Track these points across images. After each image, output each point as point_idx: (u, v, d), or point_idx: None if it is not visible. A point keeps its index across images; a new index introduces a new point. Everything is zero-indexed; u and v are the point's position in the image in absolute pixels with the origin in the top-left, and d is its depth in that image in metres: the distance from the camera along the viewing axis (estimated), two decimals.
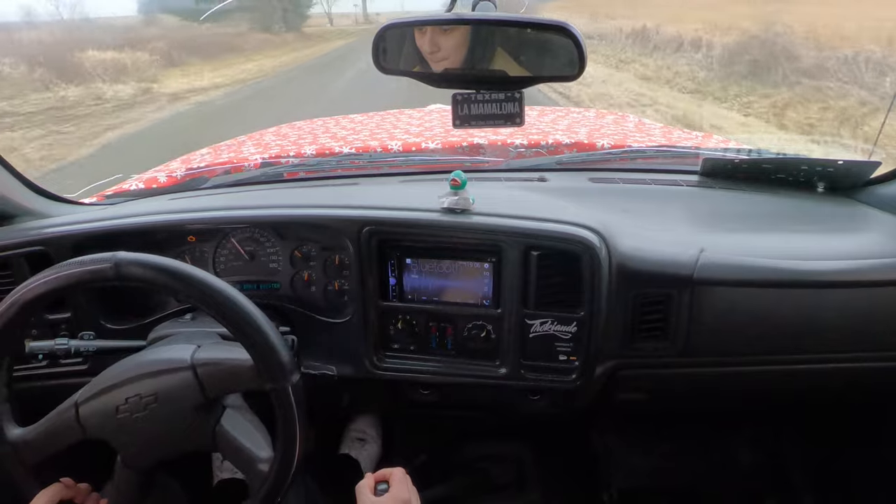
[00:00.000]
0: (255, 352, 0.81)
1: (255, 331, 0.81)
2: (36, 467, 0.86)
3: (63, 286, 0.81)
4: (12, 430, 0.85)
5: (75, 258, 0.82)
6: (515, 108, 0.94)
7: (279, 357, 0.81)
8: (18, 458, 0.85)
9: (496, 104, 0.94)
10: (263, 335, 0.81)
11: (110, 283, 0.81)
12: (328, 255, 1.15)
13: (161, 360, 0.86)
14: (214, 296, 0.81)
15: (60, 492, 0.85)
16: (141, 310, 1.15)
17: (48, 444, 0.85)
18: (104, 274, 0.80)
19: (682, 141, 1.78)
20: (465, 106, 0.94)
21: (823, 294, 1.09)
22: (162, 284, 0.81)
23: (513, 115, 0.94)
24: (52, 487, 0.85)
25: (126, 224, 1.13)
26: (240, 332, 0.81)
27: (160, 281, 0.81)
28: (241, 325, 0.81)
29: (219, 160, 1.62)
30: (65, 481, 0.87)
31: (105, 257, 0.80)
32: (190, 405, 0.84)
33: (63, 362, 1.09)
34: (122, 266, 0.80)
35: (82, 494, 0.88)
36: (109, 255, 0.80)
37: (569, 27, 0.88)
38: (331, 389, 1.18)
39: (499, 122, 0.95)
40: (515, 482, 1.60)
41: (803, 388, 1.22)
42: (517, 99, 0.93)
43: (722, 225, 1.20)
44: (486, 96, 0.94)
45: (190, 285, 0.81)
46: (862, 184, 1.29)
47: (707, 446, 1.60)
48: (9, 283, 1.09)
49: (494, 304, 1.08)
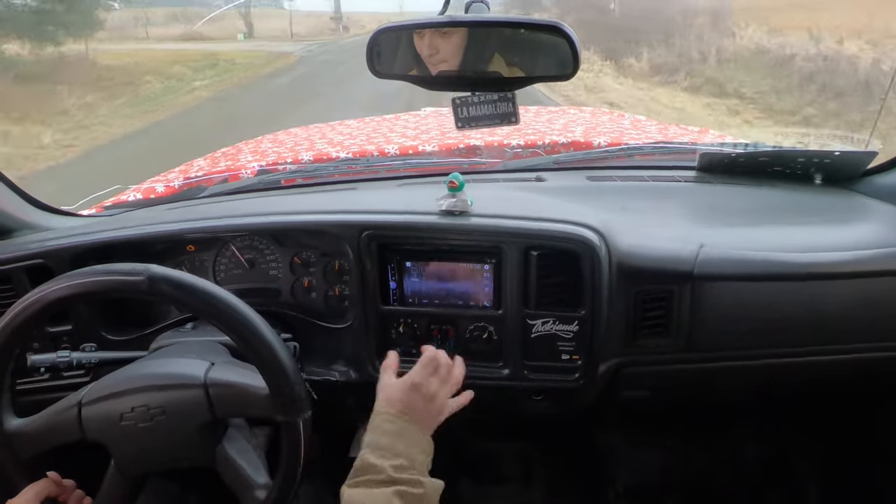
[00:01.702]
0: (271, 381, 0.82)
1: (275, 361, 0.81)
2: (29, 461, 0.85)
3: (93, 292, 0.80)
4: (10, 420, 0.84)
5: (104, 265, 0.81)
6: (509, 107, 0.97)
7: (296, 390, 0.82)
8: (12, 449, 0.84)
9: (491, 105, 0.97)
10: (282, 367, 0.81)
11: (142, 297, 0.81)
12: (328, 260, 1.15)
13: (173, 375, 0.86)
14: (237, 319, 0.81)
15: (47, 488, 0.85)
16: (142, 320, 1.15)
17: (44, 439, 0.85)
18: (137, 287, 0.79)
19: (678, 137, 1.78)
20: (464, 109, 0.98)
21: (824, 286, 1.09)
22: (186, 304, 0.82)
23: (508, 115, 0.98)
24: (39, 483, 0.84)
25: (125, 235, 1.13)
26: (258, 359, 0.81)
27: (188, 301, 0.81)
28: (262, 353, 0.81)
29: (216, 169, 1.63)
30: (52, 476, 0.86)
31: (138, 269, 0.80)
32: (196, 423, 0.84)
33: (65, 375, 1.09)
34: (154, 281, 0.79)
35: (68, 492, 0.88)
36: (143, 268, 0.80)
37: (562, 27, 0.88)
38: (334, 394, 1.18)
39: (495, 121, 0.98)
40: (520, 479, 1.60)
41: (806, 380, 1.22)
42: (510, 98, 0.97)
43: (721, 219, 1.20)
44: (481, 98, 0.97)
45: (213, 307, 0.81)
46: (859, 174, 1.29)
47: (711, 441, 1.60)
48: (10, 296, 1.09)
49: (495, 305, 1.07)
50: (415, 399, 0.86)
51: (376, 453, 0.78)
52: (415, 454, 0.81)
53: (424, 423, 0.86)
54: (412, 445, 0.82)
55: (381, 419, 0.84)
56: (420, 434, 0.84)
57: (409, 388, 0.87)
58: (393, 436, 0.81)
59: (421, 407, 0.86)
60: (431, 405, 0.87)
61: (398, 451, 0.79)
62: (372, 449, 0.79)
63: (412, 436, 0.83)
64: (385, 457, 0.78)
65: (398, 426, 0.83)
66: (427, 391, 0.87)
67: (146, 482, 0.90)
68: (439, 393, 0.89)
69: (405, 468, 0.77)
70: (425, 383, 0.88)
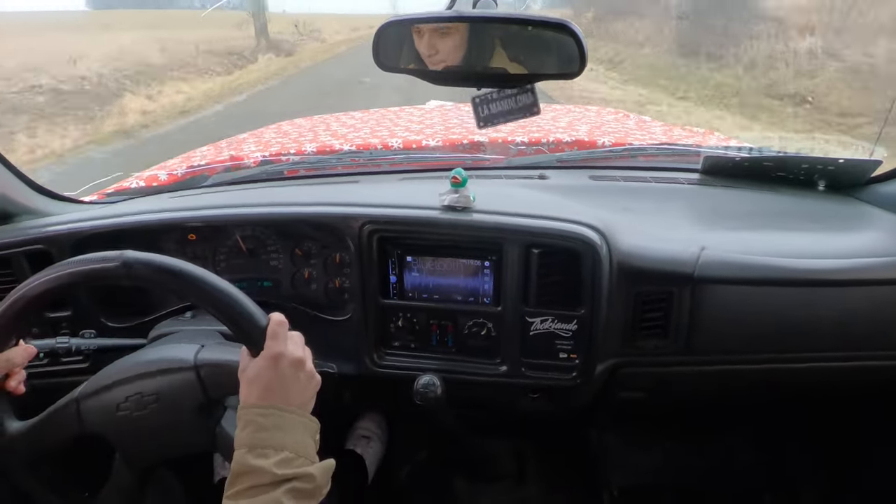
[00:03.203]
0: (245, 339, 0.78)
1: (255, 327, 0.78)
2: (32, 462, 0.85)
3: (68, 283, 0.79)
4: (10, 423, 0.84)
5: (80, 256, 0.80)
6: (530, 97, 0.96)
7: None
8: (14, 450, 0.84)
9: (511, 99, 0.96)
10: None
11: (119, 282, 0.78)
12: (329, 252, 1.15)
13: (164, 360, 0.86)
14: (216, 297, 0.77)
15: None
16: (141, 308, 1.15)
17: (46, 439, 0.85)
18: (114, 273, 0.77)
19: (683, 139, 1.78)
20: (485, 107, 0.96)
21: (824, 292, 1.09)
22: (165, 285, 0.79)
23: (529, 105, 0.96)
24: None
25: (127, 222, 1.13)
26: (231, 323, 0.78)
27: (167, 283, 0.78)
28: (242, 325, 0.77)
29: (219, 158, 1.62)
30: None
31: (112, 256, 0.77)
32: (191, 405, 0.84)
33: (64, 360, 1.09)
34: (130, 266, 0.77)
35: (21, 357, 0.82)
36: (117, 254, 0.77)
37: (570, 25, 0.88)
38: (331, 387, 1.19)
39: (518, 115, 0.97)
40: (515, 477, 1.60)
41: (804, 385, 1.22)
42: (529, 89, 0.95)
43: (723, 223, 1.20)
44: (501, 94, 0.95)
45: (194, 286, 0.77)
46: (863, 182, 1.29)
47: (707, 444, 1.60)
48: (10, 281, 1.09)
49: (495, 301, 1.08)
50: (284, 374, 0.73)
51: (254, 452, 0.67)
52: (300, 440, 0.70)
53: (302, 399, 0.74)
54: (296, 432, 0.71)
55: (253, 413, 0.70)
56: (300, 416, 0.72)
57: (272, 364, 0.73)
58: (271, 429, 0.69)
59: (292, 380, 0.73)
60: (302, 373, 0.74)
61: (281, 444, 0.69)
62: (249, 448, 0.68)
63: (293, 422, 0.71)
64: (266, 455, 0.67)
65: (275, 417, 0.70)
66: (293, 358, 0.74)
67: (153, 476, 0.90)
68: (304, 357, 0.76)
69: (291, 461, 0.68)
70: (286, 352, 0.73)
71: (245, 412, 0.71)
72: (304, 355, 0.76)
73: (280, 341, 0.74)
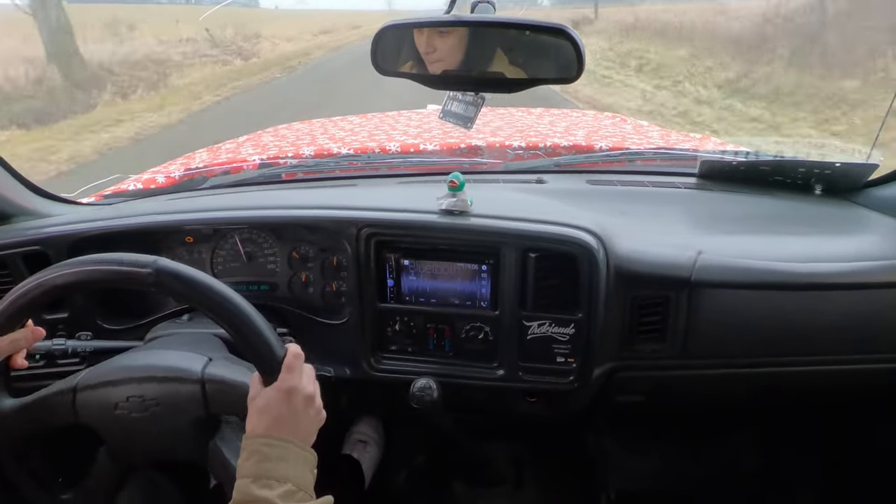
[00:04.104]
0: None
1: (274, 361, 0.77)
2: (20, 442, 0.84)
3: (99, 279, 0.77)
4: (5, 399, 0.84)
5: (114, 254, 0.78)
6: (471, 112, 1.00)
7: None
8: (4, 428, 0.83)
9: (465, 105, 1.00)
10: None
11: (141, 288, 0.77)
12: (326, 256, 1.15)
13: (171, 368, 0.86)
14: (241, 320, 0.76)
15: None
16: (138, 310, 1.15)
17: (36, 420, 0.84)
18: (142, 279, 0.75)
19: (679, 143, 1.78)
20: (450, 102, 1.02)
21: (821, 296, 1.09)
22: (191, 300, 0.77)
23: (466, 119, 1.00)
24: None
25: (124, 224, 1.13)
26: (249, 348, 0.77)
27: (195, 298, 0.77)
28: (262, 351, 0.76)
29: (217, 161, 1.62)
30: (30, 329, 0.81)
31: (146, 261, 0.75)
32: (190, 418, 0.84)
33: (60, 362, 1.09)
34: (161, 275, 0.75)
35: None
36: (151, 260, 0.75)
37: (567, 29, 0.88)
38: (328, 391, 1.18)
39: (459, 121, 1.01)
40: (513, 481, 1.60)
41: (801, 389, 1.22)
42: (478, 104, 0.99)
43: (720, 227, 1.20)
44: (465, 97, 1.00)
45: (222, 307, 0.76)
46: (860, 186, 1.29)
47: (705, 448, 1.60)
48: (7, 282, 1.09)
49: (492, 305, 1.07)
50: (296, 408, 0.74)
51: (259, 483, 0.68)
52: (301, 474, 0.72)
53: (307, 434, 0.76)
54: (298, 465, 0.72)
55: (259, 443, 0.71)
56: (303, 450, 0.74)
57: (285, 397, 0.74)
58: (276, 460, 0.71)
59: (302, 415, 0.75)
60: (311, 408, 0.76)
61: (285, 476, 0.70)
62: (254, 479, 0.68)
63: (297, 455, 0.72)
64: (271, 486, 0.68)
65: (280, 449, 0.71)
66: (305, 393, 0.76)
67: (135, 471, 0.89)
68: (315, 393, 0.78)
69: (293, 493, 0.69)
70: (300, 386, 0.75)
71: (250, 442, 0.72)
72: (315, 390, 0.78)
73: (295, 374, 0.76)
